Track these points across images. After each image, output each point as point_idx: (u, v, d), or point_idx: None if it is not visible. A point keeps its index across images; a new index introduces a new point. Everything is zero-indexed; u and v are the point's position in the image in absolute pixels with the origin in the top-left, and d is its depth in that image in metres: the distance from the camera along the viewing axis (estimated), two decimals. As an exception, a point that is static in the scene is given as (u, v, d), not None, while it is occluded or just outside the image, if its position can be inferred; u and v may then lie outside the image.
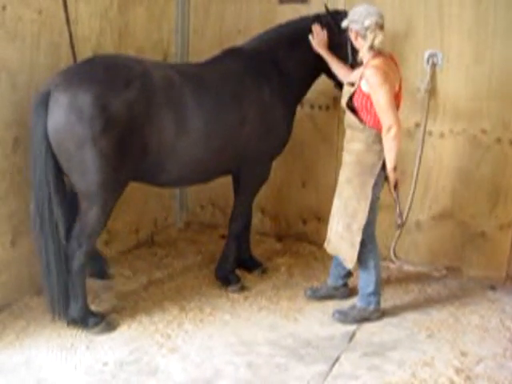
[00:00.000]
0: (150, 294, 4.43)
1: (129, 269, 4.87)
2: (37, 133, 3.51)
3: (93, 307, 4.03)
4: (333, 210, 4.17)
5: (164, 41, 5.37)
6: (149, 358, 3.62)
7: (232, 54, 4.40)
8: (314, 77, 4.62)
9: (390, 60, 3.88)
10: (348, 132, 4.01)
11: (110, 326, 3.92)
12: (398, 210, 4.02)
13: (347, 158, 4.02)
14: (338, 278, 4.45)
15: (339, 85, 4.40)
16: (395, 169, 3.85)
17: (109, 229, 4.93)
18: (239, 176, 4.49)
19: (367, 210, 3.93)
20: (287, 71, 4.41)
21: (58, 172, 3.60)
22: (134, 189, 4.76)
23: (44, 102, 3.48)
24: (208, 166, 4.19)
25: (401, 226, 4.16)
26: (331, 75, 4.44)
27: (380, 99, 3.71)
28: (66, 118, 3.44)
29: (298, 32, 4.40)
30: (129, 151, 3.64)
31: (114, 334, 3.86)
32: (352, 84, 3.93)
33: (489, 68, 4.63)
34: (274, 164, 5.51)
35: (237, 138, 4.20)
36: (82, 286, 3.86)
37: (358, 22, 3.79)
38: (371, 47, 3.78)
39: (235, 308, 4.31)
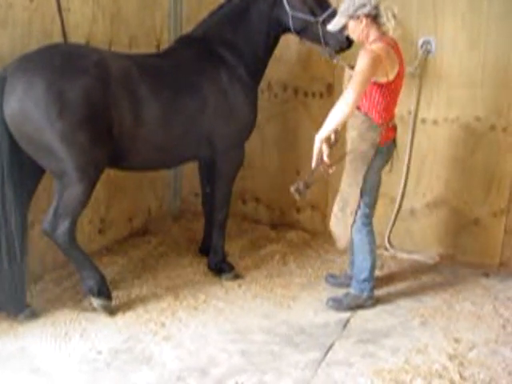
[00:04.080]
0: (144, 282, 4.43)
1: (123, 257, 4.86)
2: None
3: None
4: (337, 195, 4.18)
5: (157, 27, 5.33)
6: (143, 347, 3.62)
7: (185, 42, 4.42)
8: (266, 52, 4.51)
9: (392, 47, 3.78)
10: (349, 119, 3.99)
11: (111, 310, 3.95)
12: (306, 179, 3.87)
13: (348, 145, 4.03)
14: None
15: (306, 39, 4.36)
16: (326, 141, 3.77)
17: (103, 217, 4.94)
18: (214, 164, 4.48)
19: (358, 196, 3.95)
20: (239, 51, 4.37)
21: (14, 155, 3.58)
22: (128, 177, 4.77)
23: None
24: (171, 152, 4.24)
25: (300, 191, 3.86)
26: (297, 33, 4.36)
27: (357, 75, 3.63)
28: (21, 104, 3.45)
29: (238, 9, 4.35)
30: (92, 135, 3.62)
31: (108, 322, 3.86)
32: (353, 67, 3.91)
33: (483, 55, 4.62)
34: (268, 152, 5.51)
35: (199, 124, 4.21)
36: (84, 257, 3.90)
37: (365, 5, 3.70)
38: (383, 25, 3.74)
39: (229, 296, 4.31)
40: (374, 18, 3.74)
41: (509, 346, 3.77)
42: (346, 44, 4.17)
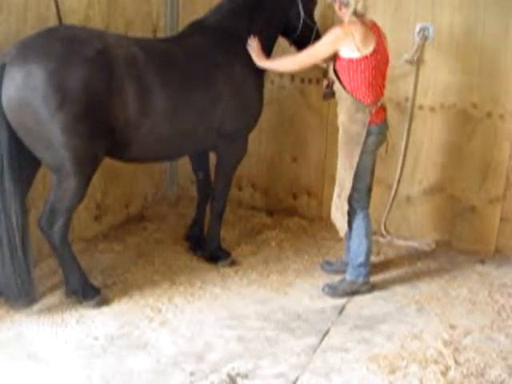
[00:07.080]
0: (140, 269, 4.44)
1: (119, 244, 4.86)
2: None
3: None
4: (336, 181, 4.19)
5: (153, 13, 5.29)
6: (139, 332, 3.63)
7: (198, 29, 4.30)
8: (272, 44, 4.52)
9: (371, 28, 3.81)
10: (338, 102, 4.00)
11: (104, 301, 3.93)
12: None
13: (339, 129, 4.03)
14: None
15: (294, 43, 4.54)
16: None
17: (99, 204, 4.93)
18: (217, 153, 4.45)
19: (351, 180, 3.96)
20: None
21: (13, 146, 3.50)
22: (124, 164, 4.74)
23: None
24: (178, 144, 4.15)
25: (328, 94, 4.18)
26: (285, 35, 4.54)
27: (317, 45, 3.89)
28: (20, 94, 3.35)
29: (251, 1, 4.32)
30: (93, 127, 3.53)
31: (105, 309, 3.87)
32: None
33: (480, 42, 4.60)
34: (265, 139, 5.50)
35: (210, 117, 4.13)
36: (73, 257, 3.86)
37: None
38: (354, 12, 3.74)
39: (225, 282, 4.32)
40: (346, 5, 3.77)
41: (503, 332, 3.80)
42: None
